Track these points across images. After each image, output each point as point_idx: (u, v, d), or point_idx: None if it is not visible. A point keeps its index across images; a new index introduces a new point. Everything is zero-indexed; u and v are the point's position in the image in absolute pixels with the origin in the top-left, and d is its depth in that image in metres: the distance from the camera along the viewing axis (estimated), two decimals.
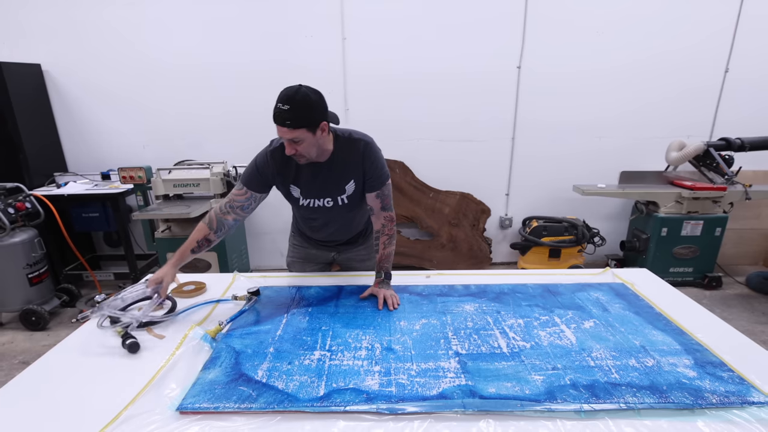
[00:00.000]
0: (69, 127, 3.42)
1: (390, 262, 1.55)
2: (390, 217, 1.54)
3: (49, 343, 2.66)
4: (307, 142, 1.30)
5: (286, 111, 1.24)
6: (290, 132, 1.26)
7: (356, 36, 3.23)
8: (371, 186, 1.47)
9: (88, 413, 0.97)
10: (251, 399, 1.00)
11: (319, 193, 1.49)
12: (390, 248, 1.54)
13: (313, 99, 1.27)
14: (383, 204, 1.51)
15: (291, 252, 1.81)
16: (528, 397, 1.00)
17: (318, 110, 1.29)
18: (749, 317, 2.91)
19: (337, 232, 1.65)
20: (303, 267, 1.79)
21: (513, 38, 3.26)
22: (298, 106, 1.24)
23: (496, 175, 3.61)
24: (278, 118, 1.26)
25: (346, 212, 1.55)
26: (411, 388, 1.03)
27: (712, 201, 3.13)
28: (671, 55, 3.31)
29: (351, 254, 1.75)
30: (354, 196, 1.50)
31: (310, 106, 1.27)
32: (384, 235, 1.53)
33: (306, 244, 1.75)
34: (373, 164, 1.45)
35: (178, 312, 1.41)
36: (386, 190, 1.50)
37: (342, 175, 1.46)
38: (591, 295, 1.52)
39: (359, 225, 1.68)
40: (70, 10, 3.15)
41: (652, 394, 1.01)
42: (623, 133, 3.50)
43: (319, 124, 1.30)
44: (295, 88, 1.27)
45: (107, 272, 3.43)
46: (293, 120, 1.25)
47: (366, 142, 1.44)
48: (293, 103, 1.24)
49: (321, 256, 1.76)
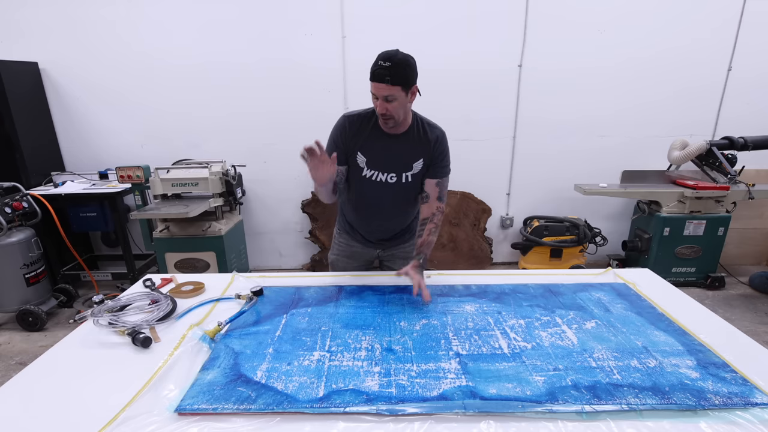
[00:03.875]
0: (66, 126, 3.41)
1: (430, 249, 1.58)
2: (441, 209, 1.58)
3: (47, 343, 2.65)
4: (399, 102, 1.37)
5: (386, 67, 1.32)
6: (388, 88, 1.34)
7: (356, 34, 3.21)
8: (435, 172, 1.54)
9: (86, 414, 0.96)
10: (250, 400, 0.99)
11: (386, 166, 1.52)
12: (433, 237, 1.58)
13: (411, 61, 1.37)
14: (440, 193, 1.57)
15: (335, 249, 1.82)
16: (529, 398, 0.99)
17: (413, 72, 1.38)
18: (752, 318, 2.90)
19: (386, 223, 1.68)
20: (347, 264, 1.80)
21: (514, 36, 3.25)
22: (398, 64, 1.33)
23: (497, 174, 3.59)
24: (377, 74, 1.33)
25: (402, 197, 1.59)
26: (411, 389, 1.02)
27: (714, 200, 3.12)
28: (673, 52, 3.30)
29: (395, 251, 1.77)
30: (417, 176, 1.55)
31: (409, 66, 1.36)
32: (432, 222, 1.57)
33: (352, 241, 1.76)
34: (443, 152, 1.54)
35: (176, 313, 1.40)
36: (446, 182, 1.58)
37: (413, 151, 1.51)
38: (593, 296, 1.51)
39: (407, 219, 1.71)
40: (68, 8, 3.14)
41: (654, 395, 1.00)
42: (625, 132, 3.49)
43: (411, 87, 1.39)
44: (395, 50, 1.36)
45: (105, 272, 3.42)
46: (393, 76, 1.32)
47: (442, 131, 1.55)
48: (394, 61, 1.32)
49: (366, 254, 1.78)
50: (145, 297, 1.45)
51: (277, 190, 3.54)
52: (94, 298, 1.40)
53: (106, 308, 1.36)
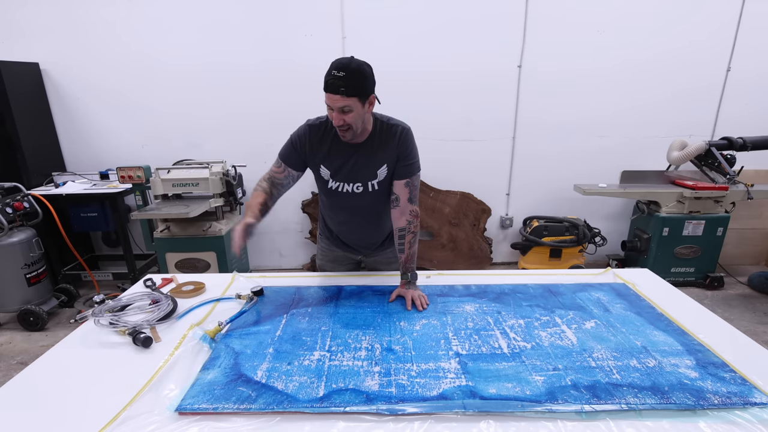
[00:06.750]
0: (67, 126, 3.41)
1: (415, 262, 1.53)
2: (415, 212, 1.51)
3: (48, 343, 2.65)
4: (356, 113, 1.31)
5: (341, 78, 1.25)
6: (343, 99, 1.27)
7: (356, 35, 3.22)
8: (401, 173, 1.46)
9: (87, 414, 0.96)
10: (250, 400, 0.99)
11: (350, 177, 1.46)
12: (415, 247, 1.52)
13: (366, 70, 1.30)
14: (411, 195, 1.49)
15: (320, 254, 1.80)
16: (529, 398, 0.99)
17: (370, 81, 1.32)
18: (751, 317, 2.90)
19: (362, 232, 1.63)
20: (333, 269, 1.78)
21: (513, 37, 3.26)
22: (352, 74, 1.26)
23: (496, 174, 3.60)
24: (332, 85, 1.26)
25: (373, 206, 1.53)
26: (411, 389, 1.03)
27: (713, 201, 3.13)
28: (673, 53, 3.30)
29: (378, 257, 1.74)
30: (385, 182, 1.48)
31: (364, 76, 1.29)
32: (409, 233, 1.50)
33: (333, 246, 1.73)
34: (407, 150, 1.45)
35: (177, 313, 1.40)
36: (416, 181, 1.50)
37: (376, 158, 1.44)
38: (592, 296, 1.52)
39: (385, 228, 1.64)
40: (69, 8, 3.14)
41: (653, 394, 1.00)
42: (624, 132, 3.50)
43: (369, 96, 1.32)
44: (349, 58, 1.29)
45: (106, 272, 3.42)
46: (347, 87, 1.25)
47: (404, 128, 1.45)
48: (348, 71, 1.25)
49: (348, 259, 1.76)
50: (146, 297, 1.45)
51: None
52: (95, 298, 1.40)
53: (106, 308, 1.36)
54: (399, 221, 1.51)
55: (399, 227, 1.51)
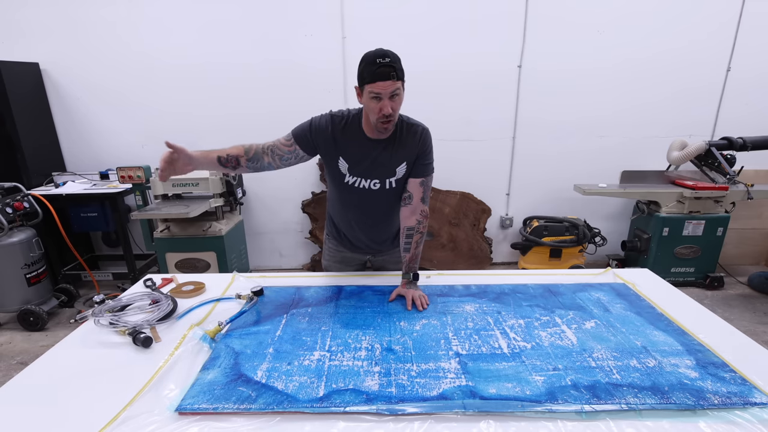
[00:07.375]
0: (67, 126, 3.41)
1: (418, 263, 1.53)
2: (426, 213, 1.51)
3: (48, 343, 2.66)
4: (401, 98, 1.31)
5: (388, 63, 1.24)
6: (394, 84, 1.26)
7: (356, 35, 3.22)
8: (418, 171, 1.47)
9: (87, 414, 0.96)
10: (250, 400, 0.99)
11: (368, 173, 1.46)
12: (420, 247, 1.53)
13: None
14: (424, 195, 1.49)
15: (326, 254, 1.79)
16: (529, 398, 0.99)
17: None
18: (751, 317, 2.90)
19: (371, 230, 1.62)
20: (339, 269, 1.77)
21: (513, 37, 3.26)
22: (395, 58, 1.27)
23: (496, 174, 3.60)
24: (382, 73, 1.24)
25: (386, 204, 1.53)
26: (411, 389, 1.03)
27: (713, 201, 3.13)
28: (673, 53, 3.30)
29: (386, 256, 1.74)
30: (401, 181, 1.48)
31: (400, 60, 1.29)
32: (417, 233, 1.50)
33: (340, 246, 1.72)
34: (426, 150, 1.46)
35: (177, 313, 1.40)
36: (430, 181, 1.51)
37: (397, 156, 1.44)
38: (592, 296, 1.52)
39: (394, 226, 1.64)
40: (69, 8, 3.14)
41: (653, 394, 1.00)
42: (624, 132, 3.50)
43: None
44: (380, 48, 1.28)
45: (106, 272, 3.42)
46: (397, 71, 1.26)
47: (424, 128, 1.47)
48: (391, 56, 1.26)
49: (356, 259, 1.75)
50: (146, 297, 1.45)
51: (277, 190, 3.55)
52: (95, 298, 1.40)
53: (106, 308, 1.36)
54: (409, 220, 1.50)
55: (408, 226, 1.50)
